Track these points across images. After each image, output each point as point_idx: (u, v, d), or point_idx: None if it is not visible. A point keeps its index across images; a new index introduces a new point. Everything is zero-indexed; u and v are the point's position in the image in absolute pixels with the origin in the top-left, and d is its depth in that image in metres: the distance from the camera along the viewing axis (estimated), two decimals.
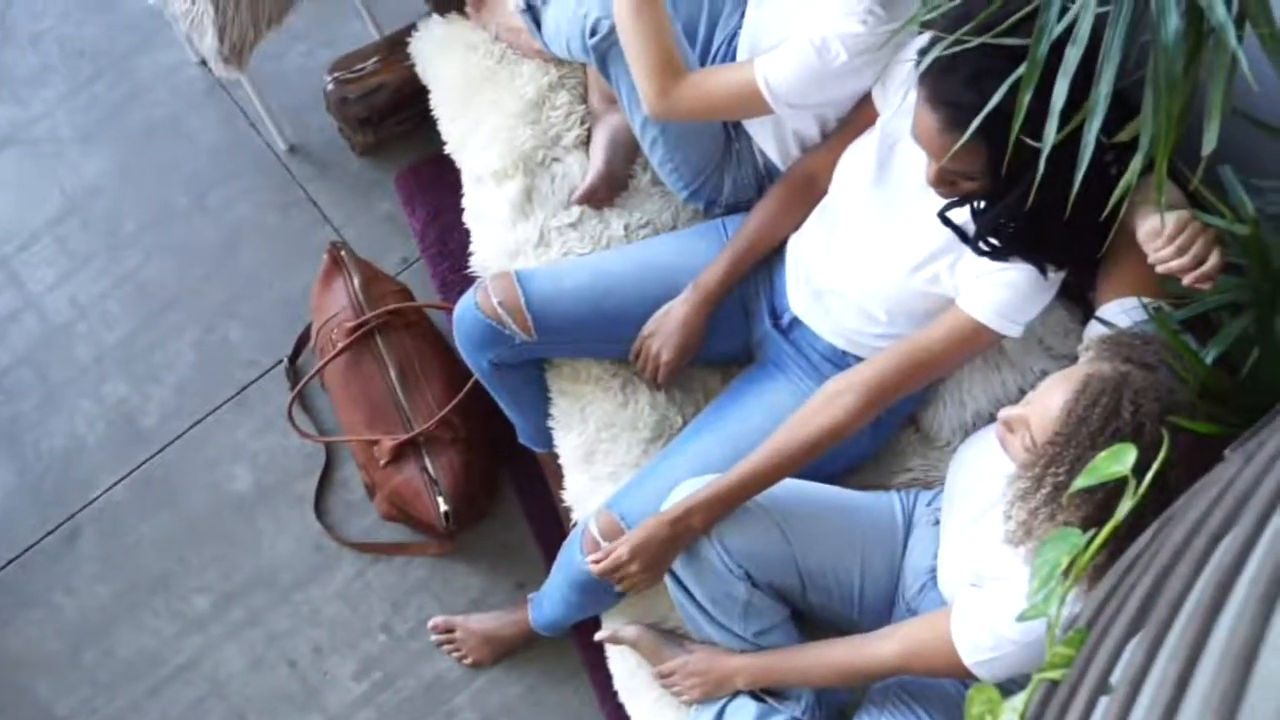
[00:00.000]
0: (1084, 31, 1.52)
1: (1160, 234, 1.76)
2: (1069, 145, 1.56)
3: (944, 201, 2.01)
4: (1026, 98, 1.56)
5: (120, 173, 3.20)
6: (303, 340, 3.00)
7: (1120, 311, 1.93)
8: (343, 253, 2.89)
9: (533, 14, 2.49)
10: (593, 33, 2.35)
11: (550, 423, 2.54)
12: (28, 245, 3.16)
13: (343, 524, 2.92)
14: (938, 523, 2.15)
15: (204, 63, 3.11)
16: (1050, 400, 1.70)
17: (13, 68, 3.29)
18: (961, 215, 2.01)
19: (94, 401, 3.04)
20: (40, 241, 3.16)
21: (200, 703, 2.79)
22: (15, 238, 3.17)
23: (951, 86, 1.83)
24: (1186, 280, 1.74)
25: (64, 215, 3.18)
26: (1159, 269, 1.78)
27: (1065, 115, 1.56)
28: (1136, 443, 1.46)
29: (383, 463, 2.76)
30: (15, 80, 3.28)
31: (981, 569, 1.92)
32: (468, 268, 2.69)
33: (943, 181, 1.95)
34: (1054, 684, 1.05)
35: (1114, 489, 1.43)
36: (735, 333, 2.44)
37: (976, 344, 2.10)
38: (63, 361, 3.08)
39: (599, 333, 2.44)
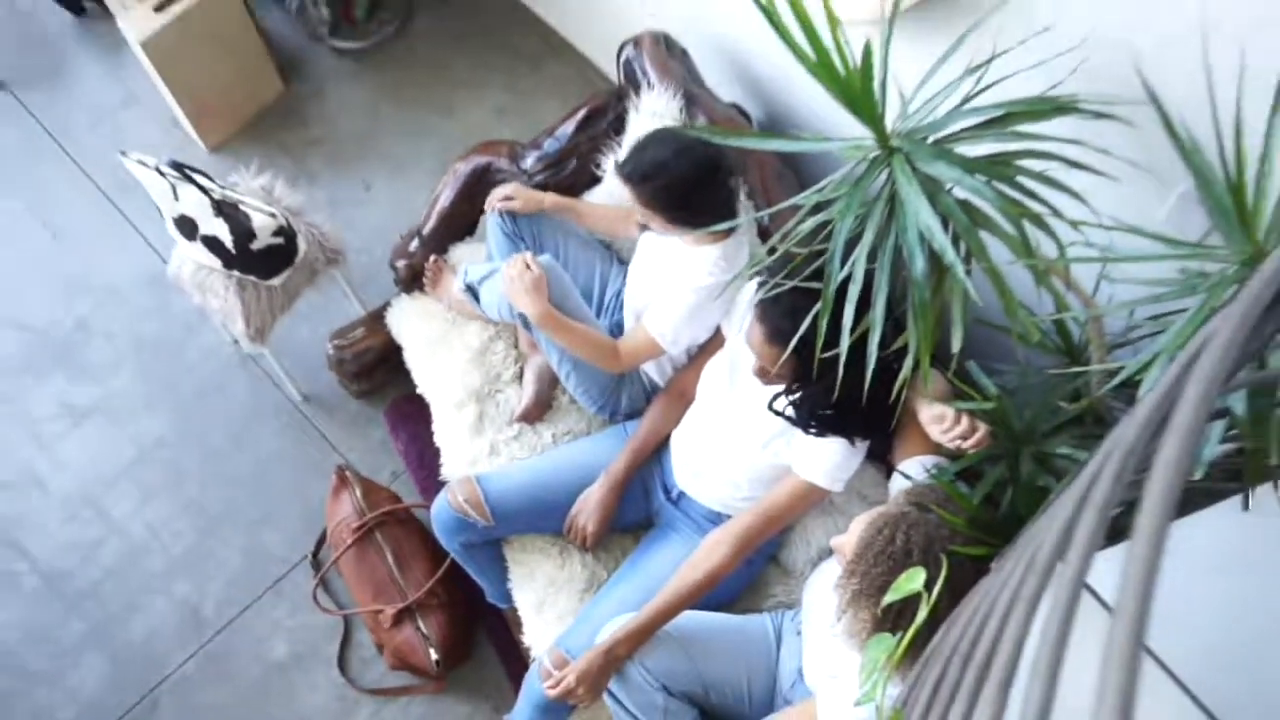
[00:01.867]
0: (859, 274, 1.57)
1: (940, 420, 1.83)
2: (861, 351, 1.61)
3: (779, 400, 2.06)
4: (823, 323, 1.60)
5: (178, 427, 3.16)
6: (321, 540, 2.96)
7: (912, 465, 1.97)
8: (347, 472, 2.87)
9: (472, 292, 2.53)
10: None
11: (509, 584, 2.51)
12: (112, 486, 3.09)
13: (359, 676, 2.84)
14: (800, 633, 2.14)
15: (236, 342, 3.12)
16: (855, 531, 1.74)
17: (94, 360, 3.25)
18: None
19: (166, 599, 2.96)
20: (120, 483, 3.10)
21: None
22: (102, 481, 3.10)
23: (775, 313, 1.91)
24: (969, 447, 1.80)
25: (137, 461, 3.12)
26: (948, 446, 1.84)
27: (854, 332, 1.61)
28: (906, 564, 1.49)
29: (387, 626, 2.70)
30: (95, 368, 3.24)
31: (834, 667, 1.90)
32: (440, 475, 2.67)
33: (762, 373, 2.03)
34: None
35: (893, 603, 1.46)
36: (639, 506, 2.44)
37: (812, 499, 2.13)
38: (141, 572, 2.99)
39: (540, 515, 2.44)
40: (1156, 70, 1.57)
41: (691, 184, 2.14)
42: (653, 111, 2.54)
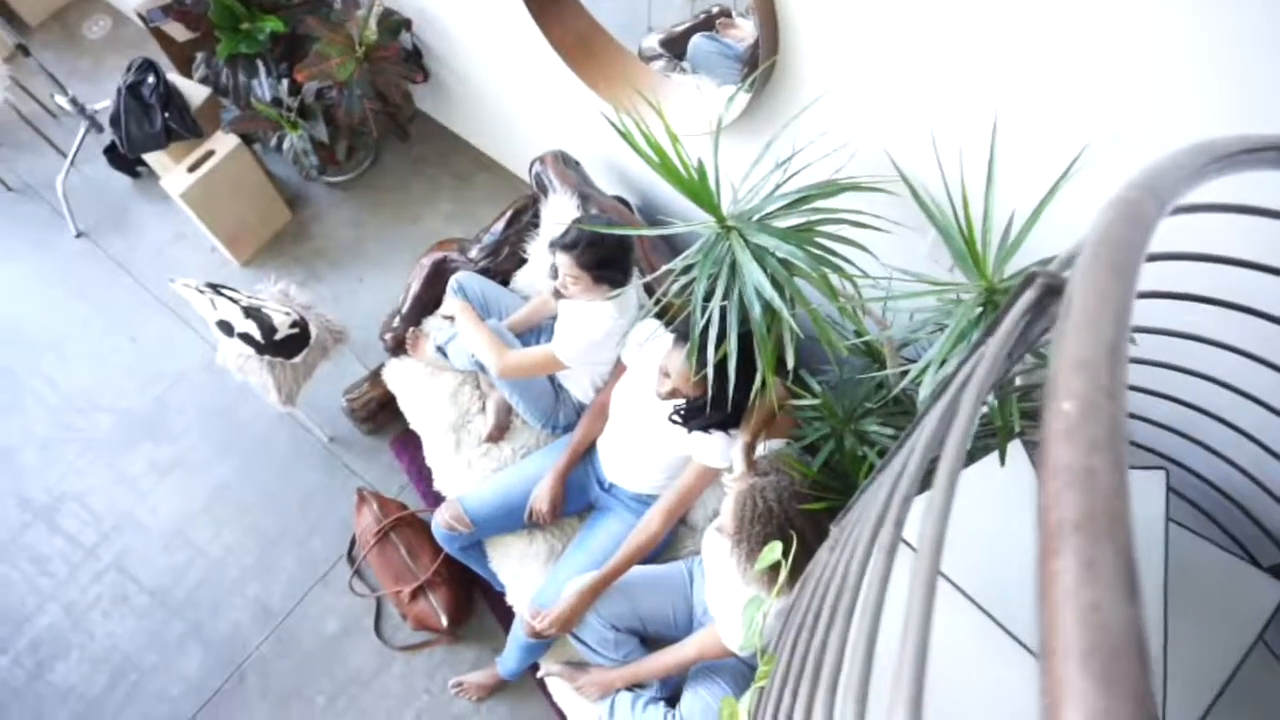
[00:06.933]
0: (715, 317, 1.52)
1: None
2: (725, 374, 1.55)
3: (670, 410, 1.99)
4: (693, 359, 1.54)
5: (239, 472, 2.99)
6: (352, 543, 2.80)
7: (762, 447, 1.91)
8: (365, 492, 2.73)
9: (442, 351, 2.43)
10: (474, 355, 2.30)
11: (493, 565, 2.39)
12: (193, 520, 2.91)
13: (392, 638, 2.70)
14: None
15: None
16: (727, 511, 1.67)
17: (171, 428, 3.08)
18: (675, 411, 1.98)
19: (242, 599, 2.79)
20: (200, 518, 2.92)
21: None
22: (186, 517, 2.92)
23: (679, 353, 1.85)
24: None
25: (211, 500, 2.94)
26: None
27: (720, 360, 1.55)
28: (770, 517, 1.40)
29: (407, 601, 2.57)
30: (173, 434, 3.06)
31: (726, 598, 1.84)
32: (434, 485, 2.54)
33: (672, 395, 1.94)
34: (762, 688, 0.98)
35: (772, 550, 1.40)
36: (581, 496, 2.34)
37: (710, 476, 2.06)
38: (222, 581, 2.82)
39: (509, 518, 2.32)
40: (905, 157, 1.54)
41: (614, 252, 2.07)
42: (558, 207, 2.47)
